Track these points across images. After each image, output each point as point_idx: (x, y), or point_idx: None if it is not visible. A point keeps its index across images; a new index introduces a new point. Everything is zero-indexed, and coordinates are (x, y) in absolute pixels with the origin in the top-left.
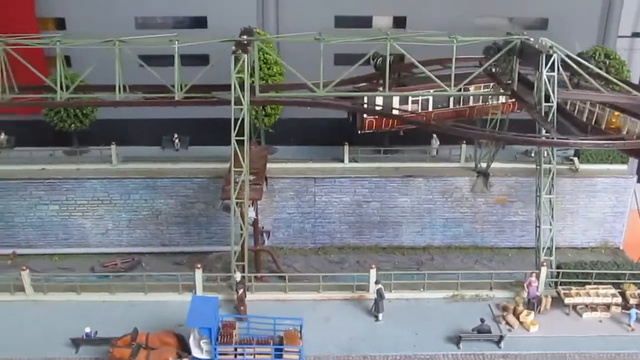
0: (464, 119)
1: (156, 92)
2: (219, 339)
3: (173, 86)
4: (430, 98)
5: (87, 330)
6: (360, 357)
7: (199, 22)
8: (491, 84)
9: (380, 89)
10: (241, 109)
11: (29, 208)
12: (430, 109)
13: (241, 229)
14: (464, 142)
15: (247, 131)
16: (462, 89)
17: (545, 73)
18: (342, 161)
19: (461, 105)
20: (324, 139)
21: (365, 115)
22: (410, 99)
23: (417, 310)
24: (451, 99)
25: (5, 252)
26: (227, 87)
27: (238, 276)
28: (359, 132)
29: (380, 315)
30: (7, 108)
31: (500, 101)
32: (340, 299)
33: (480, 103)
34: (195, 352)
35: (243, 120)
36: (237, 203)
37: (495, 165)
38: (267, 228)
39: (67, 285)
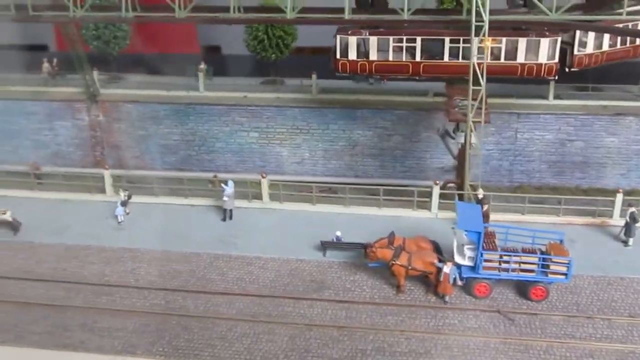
0: None
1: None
2: (484, 246)
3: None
4: None
5: (338, 233)
6: (617, 278)
7: None
8: None
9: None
10: (482, 26)
11: (230, 134)
12: None
13: (469, 147)
14: None
15: (488, 50)
16: None
17: None
18: (546, 98)
19: None
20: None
21: (338, 57)
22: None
23: None
24: None
25: (207, 177)
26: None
27: (480, 193)
28: (336, 73)
29: (631, 241)
30: None
31: None
32: (580, 224)
33: None
34: (457, 258)
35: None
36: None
37: None
38: None
39: (301, 196)
